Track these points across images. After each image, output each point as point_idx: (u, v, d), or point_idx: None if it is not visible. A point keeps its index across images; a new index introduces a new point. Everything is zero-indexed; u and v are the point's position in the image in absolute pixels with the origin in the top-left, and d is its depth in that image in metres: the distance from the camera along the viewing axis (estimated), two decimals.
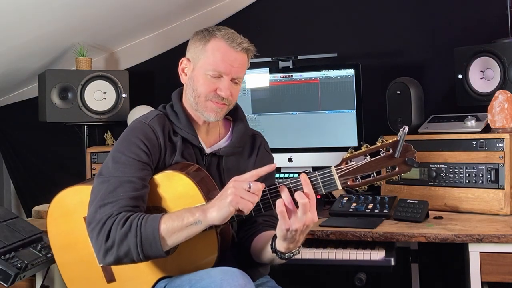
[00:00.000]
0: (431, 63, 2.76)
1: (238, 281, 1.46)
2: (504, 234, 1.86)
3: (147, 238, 1.50)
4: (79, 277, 1.77)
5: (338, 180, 1.51)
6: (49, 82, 2.68)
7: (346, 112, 2.60)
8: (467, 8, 2.70)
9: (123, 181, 1.58)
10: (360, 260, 2.00)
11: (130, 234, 1.50)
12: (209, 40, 1.69)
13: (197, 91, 1.70)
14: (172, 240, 1.51)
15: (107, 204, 1.56)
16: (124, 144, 1.66)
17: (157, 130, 1.68)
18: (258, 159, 1.83)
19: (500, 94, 2.23)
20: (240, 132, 1.81)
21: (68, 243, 1.76)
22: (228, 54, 1.67)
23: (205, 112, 1.71)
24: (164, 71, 3.17)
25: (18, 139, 3.21)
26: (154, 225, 1.50)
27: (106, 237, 1.52)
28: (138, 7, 2.78)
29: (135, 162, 1.61)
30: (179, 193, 1.60)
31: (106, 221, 1.53)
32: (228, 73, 1.67)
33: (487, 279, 1.90)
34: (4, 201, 3.23)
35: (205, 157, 1.75)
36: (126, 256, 1.53)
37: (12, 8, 2.25)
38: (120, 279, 1.70)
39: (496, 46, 2.35)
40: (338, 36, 2.92)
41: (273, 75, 2.71)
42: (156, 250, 1.51)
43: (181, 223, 1.50)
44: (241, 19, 3.04)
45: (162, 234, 1.50)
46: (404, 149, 1.49)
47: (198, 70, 1.70)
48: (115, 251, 1.52)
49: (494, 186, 2.15)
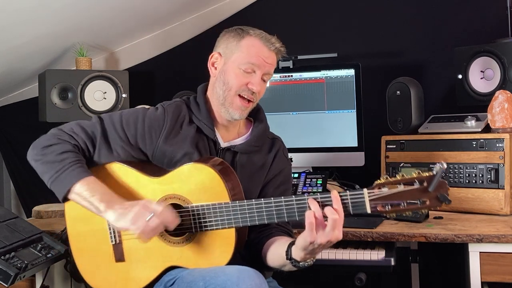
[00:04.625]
0: (431, 63, 2.76)
1: (255, 281, 1.47)
2: (504, 234, 1.86)
3: (61, 182, 1.65)
4: (88, 250, 1.77)
5: (368, 203, 1.50)
6: (49, 82, 2.67)
7: (346, 112, 2.60)
8: (467, 8, 2.70)
9: (99, 131, 1.73)
10: (360, 260, 2.00)
11: (55, 165, 1.66)
12: (244, 37, 1.75)
13: (229, 84, 1.74)
14: (74, 199, 1.67)
15: (75, 132, 1.72)
16: (131, 112, 1.78)
17: (169, 113, 1.75)
18: (275, 162, 1.84)
19: (500, 94, 2.23)
20: (258, 132, 1.83)
21: (83, 216, 1.74)
22: (262, 51, 1.74)
23: (230, 108, 1.74)
24: (164, 71, 3.18)
25: (18, 139, 3.20)
26: (72, 180, 1.64)
27: (46, 146, 1.69)
28: (138, 7, 2.78)
29: (121, 129, 1.73)
30: (205, 187, 1.63)
31: (60, 138, 1.71)
32: (261, 68, 1.74)
33: (487, 279, 1.90)
34: (4, 201, 3.22)
35: (220, 151, 1.77)
36: (40, 171, 1.69)
37: (12, 8, 2.25)
38: (130, 259, 1.71)
39: (496, 46, 2.35)
40: (338, 36, 2.92)
41: (273, 75, 2.69)
42: (59, 193, 1.67)
43: (87, 197, 1.63)
44: (241, 19, 3.03)
45: (72, 189, 1.65)
46: (438, 184, 1.50)
47: (231, 64, 1.74)
48: (39, 160, 1.69)
49: (494, 186, 2.15)
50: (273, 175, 1.83)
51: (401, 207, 1.51)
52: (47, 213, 2.54)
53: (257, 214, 1.58)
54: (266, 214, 1.58)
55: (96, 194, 1.64)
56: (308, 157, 2.63)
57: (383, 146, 2.43)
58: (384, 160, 2.43)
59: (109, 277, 1.73)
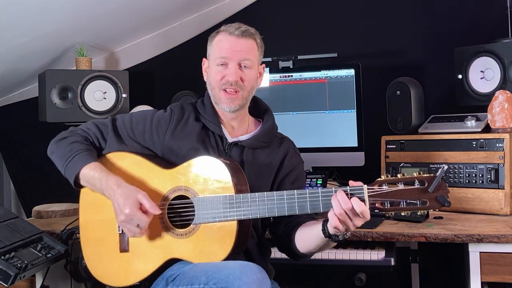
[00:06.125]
0: (431, 63, 2.76)
1: (257, 275, 1.50)
2: (504, 234, 1.87)
3: (70, 169, 1.75)
4: (94, 238, 1.81)
5: (367, 199, 1.52)
6: (49, 82, 2.67)
7: (346, 112, 2.60)
8: (467, 8, 2.70)
9: (110, 127, 1.83)
10: (360, 260, 2.00)
11: (65, 154, 1.76)
12: (215, 36, 1.83)
13: (212, 84, 1.82)
14: (84, 185, 1.76)
15: (88, 127, 1.85)
16: (141, 112, 1.89)
17: (175, 112, 1.84)
18: (286, 159, 1.86)
19: (500, 94, 2.23)
20: (266, 128, 1.87)
21: (95, 204, 1.79)
22: (229, 42, 1.78)
23: (221, 104, 1.80)
24: (164, 71, 3.18)
25: (18, 139, 3.20)
26: (80, 165, 1.73)
27: (60, 139, 1.82)
28: (138, 7, 2.78)
29: (130, 127, 1.83)
30: (213, 179, 1.67)
31: (73, 132, 1.84)
32: (231, 58, 1.77)
33: (487, 279, 1.90)
34: (4, 201, 3.22)
35: (227, 146, 1.81)
36: (56, 163, 1.80)
37: (12, 8, 2.25)
38: (134, 251, 1.74)
39: (496, 46, 2.36)
40: (338, 36, 2.92)
41: (273, 75, 2.71)
42: (70, 180, 1.76)
43: (96, 182, 1.71)
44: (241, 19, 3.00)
45: (80, 174, 1.74)
46: (438, 186, 1.50)
47: (210, 65, 1.83)
48: (54, 153, 1.81)
49: (494, 186, 2.15)
50: (286, 173, 1.86)
51: (400, 206, 1.52)
52: (47, 213, 2.54)
53: (260, 207, 1.61)
54: (268, 207, 1.61)
55: (102, 174, 1.72)
56: (308, 157, 2.61)
57: (383, 146, 2.44)
58: (384, 160, 2.43)
59: (111, 267, 1.76)
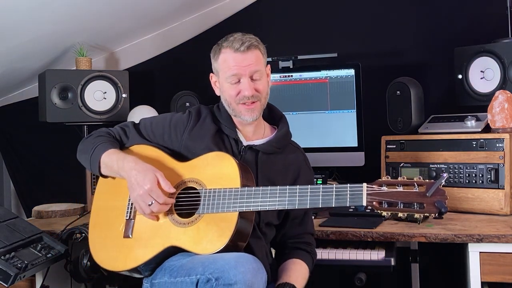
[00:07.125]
0: (431, 63, 2.76)
1: (252, 265, 1.55)
2: (504, 234, 1.87)
3: (93, 160, 1.85)
4: (102, 223, 1.87)
5: (365, 197, 1.56)
6: (49, 82, 2.67)
7: (346, 112, 2.60)
8: (467, 8, 2.70)
9: (132, 127, 1.94)
10: (360, 260, 2.00)
11: (89, 149, 1.87)
12: (219, 54, 1.84)
13: (227, 100, 1.86)
14: (106, 173, 1.85)
15: (111, 128, 1.96)
16: (161, 115, 1.99)
17: (193, 114, 1.91)
18: (302, 173, 1.91)
19: (500, 94, 2.23)
20: (280, 134, 1.92)
21: (110, 189, 1.88)
22: (236, 59, 1.80)
23: (241, 116, 1.84)
24: (164, 71, 3.18)
25: (18, 139, 3.20)
26: (100, 153, 1.83)
27: (85, 138, 1.94)
28: (138, 7, 2.78)
29: (150, 129, 1.92)
30: (222, 174, 1.74)
31: (97, 130, 1.94)
32: (242, 74, 1.80)
33: (487, 279, 1.90)
34: (4, 201, 3.23)
35: (242, 149, 1.85)
36: (82, 160, 1.91)
37: (12, 8, 2.25)
38: (136, 237, 1.79)
39: (496, 46, 2.36)
40: (338, 36, 2.92)
41: (273, 75, 2.70)
42: (94, 171, 1.86)
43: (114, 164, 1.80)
44: (241, 19, 3.04)
45: (101, 161, 1.83)
46: (437, 191, 1.52)
47: (222, 82, 1.86)
48: (80, 150, 1.92)
49: (494, 186, 2.15)
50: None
51: (397, 207, 1.54)
52: (47, 213, 2.54)
53: (261, 200, 1.67)
54: (269, 201, 1.67)
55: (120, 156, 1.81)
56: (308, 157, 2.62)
57: (383, 146, 2.44)
58: (384, 160, 2.43)
59: (112, 252, 1.80)
